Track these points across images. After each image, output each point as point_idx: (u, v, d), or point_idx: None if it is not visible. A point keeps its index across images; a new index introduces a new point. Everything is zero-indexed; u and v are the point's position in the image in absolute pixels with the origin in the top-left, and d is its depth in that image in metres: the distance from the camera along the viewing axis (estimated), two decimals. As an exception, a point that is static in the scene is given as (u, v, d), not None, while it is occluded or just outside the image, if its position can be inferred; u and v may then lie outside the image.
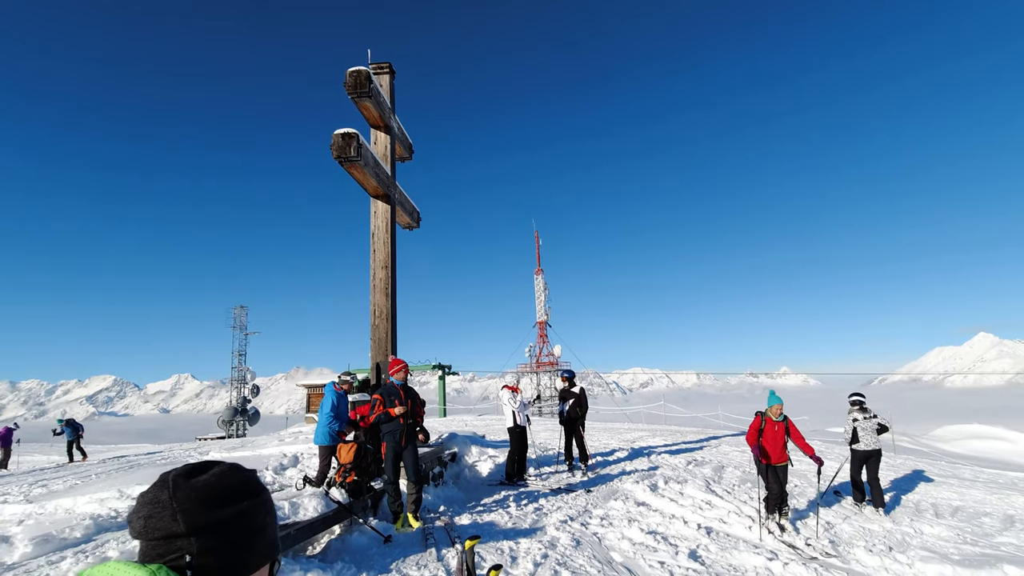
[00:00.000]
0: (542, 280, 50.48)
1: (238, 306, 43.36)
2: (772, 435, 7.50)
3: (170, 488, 1.03)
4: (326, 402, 7.82)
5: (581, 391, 11.10)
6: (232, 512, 1.04)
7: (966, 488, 10.29)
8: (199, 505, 1.01)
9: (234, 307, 43.37)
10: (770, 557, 6.04)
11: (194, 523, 1.00)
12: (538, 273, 50.64)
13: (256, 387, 42.74)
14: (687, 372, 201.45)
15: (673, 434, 17.98)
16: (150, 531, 1.00)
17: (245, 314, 43.46)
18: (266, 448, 14.15)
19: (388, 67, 9.98)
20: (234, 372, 42.59)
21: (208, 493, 1.03)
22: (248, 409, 41.35)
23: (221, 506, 1.03)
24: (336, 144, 7.97)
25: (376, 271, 9.40)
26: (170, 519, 1.00)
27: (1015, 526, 7.79)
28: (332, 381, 8.15)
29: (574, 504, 8.28)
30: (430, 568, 5.57)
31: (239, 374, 42.46)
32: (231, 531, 1.03)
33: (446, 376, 35.26)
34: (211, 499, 1.02)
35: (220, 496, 1.04)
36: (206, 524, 1.00)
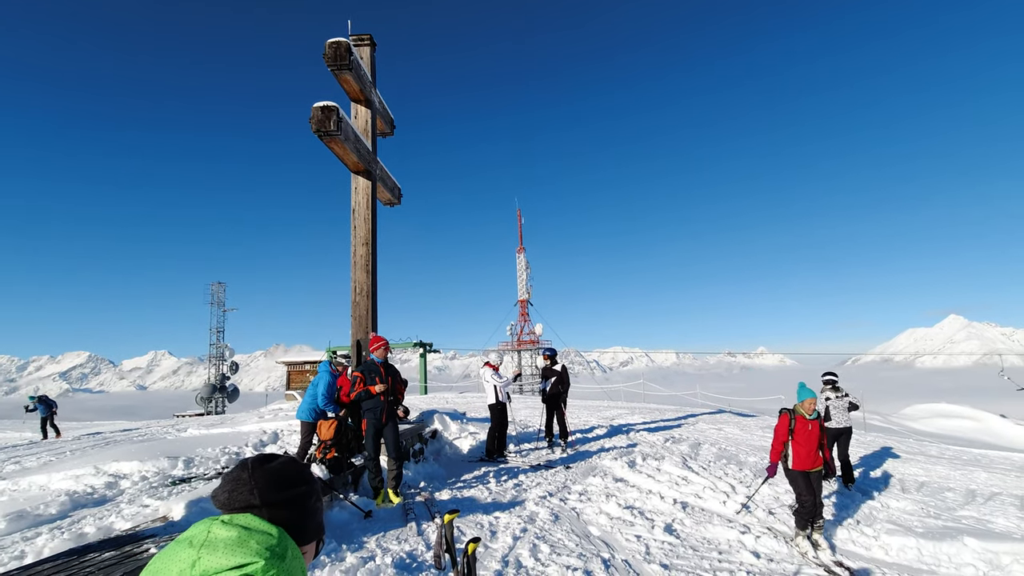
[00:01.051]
0: (524, 259, 50.51)
1: (216, 282, 42.66)
2: (805, 436, 6.21)
3: (249, 470, 1.34)
4: (321, 381, 7.75)
5: (563, 369, 11.19)
6: (294, 493, 1.34)
7: (932, 464, 10.64)
8: (270, 484, 1.31)
9: (212, 283, 42.68)
10: (742, 531, 6.21)
11: (266, 498, 1.29)
12: (520, 252, 50.63)
13: (235, 364, 42.30)
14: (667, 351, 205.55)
15: (652, 412, 18.26)
16: (233, 503, 1.30)
17: (223, 290, 42.82)
18: (245, 425, 14.09)
19: (369, 39, 9.76)
20: (212, 349, 42.07)
21: (276, 476, 1.33)
22: (227, 386, 40.96)
23: (286, 487, 1.33)
24: (315, 117, 7.80)
25: (356, 248, 9.30)
26: (248, 494, 1.30)
27: (976, 500, 8.09)
28: (327, 360, 8.09)
29: (553, 480, 8.40)
30: (410, 542, 5.63)
31: (217, 351, 41.95)
32: (293, 507, 1.32)
33: (427, 354, 35.26)
34: (279, 481, 1.33)
35: (285, 479, 1.34)
36: (275, 500, 1.30)
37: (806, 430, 6.24)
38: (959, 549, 5.79)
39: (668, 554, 5.58)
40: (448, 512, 2.36)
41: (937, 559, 5.70)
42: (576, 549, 5.58)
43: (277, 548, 1.23)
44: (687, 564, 5.33)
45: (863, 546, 6.08)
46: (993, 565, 5.49)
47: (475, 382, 34.79)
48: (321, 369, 7.93)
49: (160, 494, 7.18)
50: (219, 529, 1.20)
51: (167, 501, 5.80)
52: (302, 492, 1.35)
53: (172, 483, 7.80)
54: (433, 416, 10.97)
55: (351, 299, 9.22)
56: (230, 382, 41.50)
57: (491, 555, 5.36)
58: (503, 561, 5.22)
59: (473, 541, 2.25)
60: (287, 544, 1.26)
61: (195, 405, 40.21)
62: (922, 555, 5.80)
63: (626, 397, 30.04)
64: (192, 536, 1.20)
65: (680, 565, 5.30)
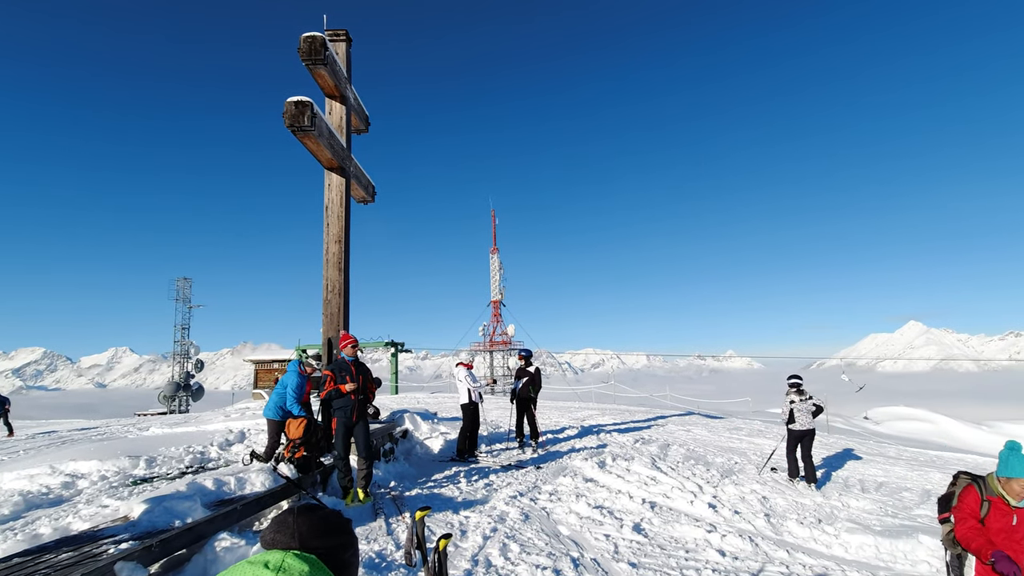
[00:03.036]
0: (497, 259, 50.49)
1: (181, 278, 41.64)
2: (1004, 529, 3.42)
3: (294, 514, 1.40)
4: (290, 381, 7.62)
5: (536, 371, 11.23)
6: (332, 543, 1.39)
7: (890, 465, 10.99)
8: (313, 531, 1.37)
9: (177, 279, 41.65)
10: (709, 530, 6.32)
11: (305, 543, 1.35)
12: (494, 252, 50.60)
13: (200, 362, 41.35)
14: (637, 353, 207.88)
15: (622, 413, 18.45)
16: (276, 543, 1.35)
17: (189, 286, 41.80)
18: (211, 424, 13.80)
19: (345, 35, 9.66)
20: (177, 346, 41.03)
21: (321, 524, 1.39)
22: (192, 384, 40.02)
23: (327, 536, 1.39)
24: (289, 112, 7.69)
25: (329, 245, 9.20)
26: (289, 538, 1.35)
27: (931, 500, 8.38)
28: (297, 360, 7.96)
29: (524, 480, 8.43)
30: (379, 541, 5.59)
31: (182, 348, 40.93)
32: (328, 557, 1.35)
33: (399, 354, 34.98)
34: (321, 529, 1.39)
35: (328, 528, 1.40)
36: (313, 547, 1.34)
37: (1007, 523, 3.42)
38: (914, 546, 5.99)
39: (636, 553, 5.65)
40: (419, 509, 2.36)
41: (894, 556, 5.89)
42: (546, 548, 5.61)
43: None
44: (654, 562, 5.41)
45: (824, 544, 6.24)
46: (945, 562, 5.69)
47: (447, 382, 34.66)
48: (290, 369, 7.81)
49: (120, 494, 6.99)
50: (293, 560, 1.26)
51: (128, 501, 5.65)
52: (340, 543, 1.41)
53: (133, 483, 7.59)
54: (404, 416, 10.90)
55: (323, 297, 9.11)
56: (195, 380, 40.57)
57: (461, 554, 5.35)
58: (473, 560, 5.22)
59: (444, 538, 2.25)
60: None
61: (158, 404, 39.19)
62: (880, 552, 5.98)
63: (597, 398, 30.27)
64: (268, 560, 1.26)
65: (648, 563, 5.37)
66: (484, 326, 50.94)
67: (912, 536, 6.21)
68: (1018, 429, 35.20)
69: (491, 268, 50.81)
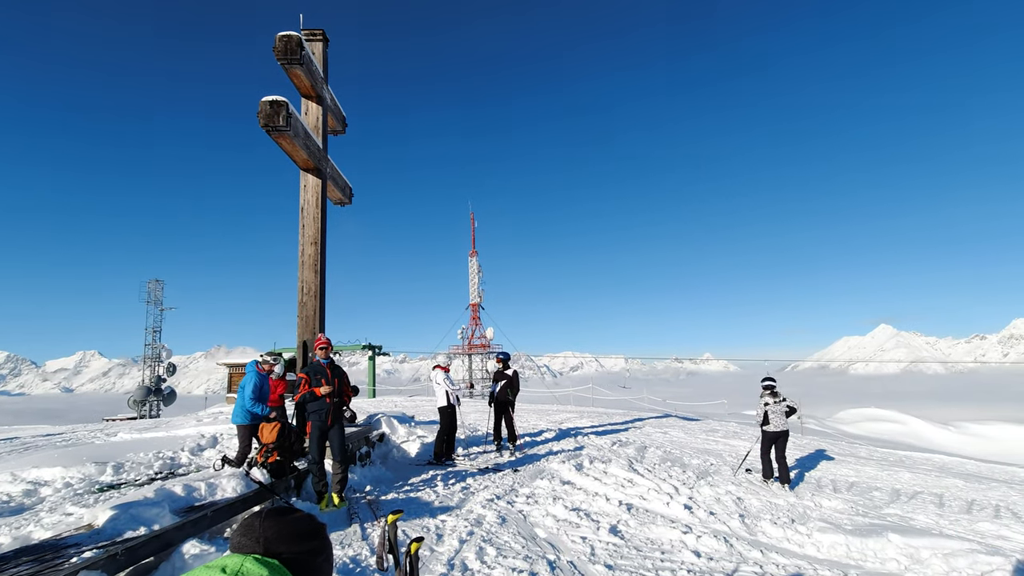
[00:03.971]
0: (476, 262, 50.42)
1: (153, 280, 40.69)
2: None
3: (261, 518, 1.33)
4: (248, 382, 7.52)
5: (514, 373, 11.21)
6: (300, 549, 1.31)
7: (861, 465, 11.20)
8: (278, 536, 1.30)
9: (148, 281, 40.67)
10: (685, 531, 6.36)
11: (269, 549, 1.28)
12: (473, 255, 50.52)
13: (172, 366, 40.43)
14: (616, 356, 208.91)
15: (600, 416, 18.52)
16: (241, 547, 1.30)
17: (161, 288, 40.88)
18: (182, 429, 13.52)
19: (321, 34, 9.57)
20: (148, 350, 40.08)
21: (286, 529, 1.32)
22: (163, 389, 39.11)
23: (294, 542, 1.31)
24: (263, 112, 7.58)
25: (305, 247, 9.09)
26: (254, 542, 1.29)
27: (900, 498, 8.58)
28: (254, 360, 7.84)
29: (501, 483, 8.40)
30: (354, 547, 5.51)
31: (153, 352, 40.00)
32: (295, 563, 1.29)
33: (376, 357, 34.67)
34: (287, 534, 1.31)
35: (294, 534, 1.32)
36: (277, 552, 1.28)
37: None
38: (884, 545, 6.10)
39: (613, 555, 5.66)
40: (392, 512, 2.32)
41: (864, 554, 5.99)
42: (522, 551, 5.59)
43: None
44: (631, 564, 5.42)
45: (797, 544, 6.32)
46: (913, 559, 5.81)
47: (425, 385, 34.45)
48: (248, 369, 7.69)
49: (85, 501, 6.79)
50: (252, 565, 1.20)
51: (93, 508, 5.48)
52: (308, 550, 1.33)
53: (99, 490, 7.38)
54: (381, 419, 10.80)
55: (298, 299, 8.99)
56: (166, 384, 39.68)
57: (436, 558, 5.30)
58: (449, 564, 5.17)
59: (416, 541, 2.22)
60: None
61: (127, 408, 38.23)
62: (850, 551, 6.08)
63: (575, 401, 30.37)
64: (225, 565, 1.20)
65: (624, 565, 5.38)
66: (463, 329, 50.81)
67: (882, 535, 6.33)
68: (983, 429, 36.20)
69: (470, 271, 50.72)
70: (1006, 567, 5.49)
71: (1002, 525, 7.25)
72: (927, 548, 6.00)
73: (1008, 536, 6.81)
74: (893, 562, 5.78)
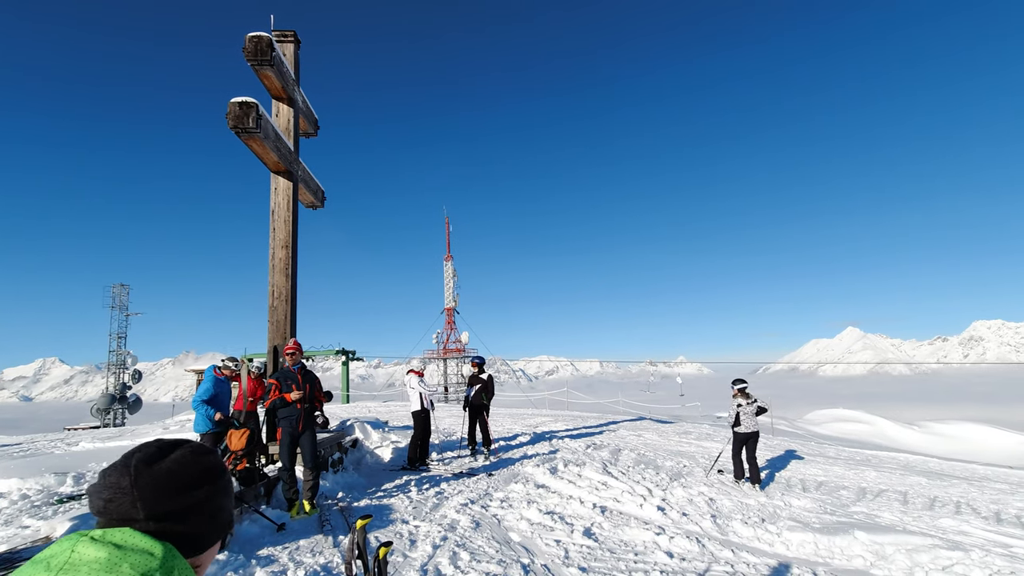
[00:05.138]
0: (451, 266, 50.24)
1: (118, 284, 39.59)
2: None
3: (132, 476, 1.02)
4: (200, 388, 7.40)
5: (489, 378, 11.19)
6: (191, 500, 1.05)
7: (829, 465, 11.44)
8: (159, 493, 1.01)
9: (113, 285, 39.59)
10: (658, 532, 6.40)
11: (152, 511, 1.01)
12: (448, 259, 50.35)
13: (138, 372, 39.37)
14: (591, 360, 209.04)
15: (575, 419, 18.58)
16: (110, 512, 1.01)
17: (126, 293, 39.80)
18: (148, 437, 13.16)
19: (293, 36, 9.46)
20: (112, 356, 38.96)
21: (168, 481, 1.03)
22: (128, 396, 38.06)
23: (180, 494, 1.03)
24: (232, 113, 7.45)
25: (276, 250, 8.94)
26: (130, 506, 1.01)
27: (866, 497, 8.77)
28: (213, 365, 7.71)
29: (475, 488, 8.36)
30: (325, 554, 5.42)
31: (118, 358, 38.90)
32: (188, 516, 1.04)
33: (350, 362, 34.29)
34: (171, 487, 1.03)
35: (180, 484, 1.04)
36: (164, 512, 1.01)
37: None
38: (850, 542, 6.24)
39: (586, 557, 5.66)
40: (360, 517, 2.29)
41: (831, 552, 6.11)
42: (496, 555, 5.56)
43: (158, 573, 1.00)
44: (604, 566, 5.43)
45: (767, 543, 6.42)
46: (879, 555, 5.95)
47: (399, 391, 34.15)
48: (206, 375, 7.58)
49: (43, 513, 6.55)
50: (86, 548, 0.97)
51: (51, 520, 5.30)
52: (200, 497, 1.06)
53: (59, 501, 7.13)
54: (354, 425, 10.67)
55: (269, 304, 8.84)
56: (132, 392, 38.62)
57: (410, 564, 5.24)
58: (422, 570, 5.12)
59: (384, 545, 2.19)
60: (173, 565, 1.01)
61: (90, 417, 37.09)
62: (818, 549, 6.20)
63: (551, 405, 30.42)
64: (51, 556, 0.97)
65: (597, 567, 5.39)
66: (438, 333, 50.55)
67: (848, 532, 6.46)
68: (945, 428, 37.29)
69: (445, 275, 50.52)
70: (966, 561, 5.66)
71: (962, 521, 7.47)
72: (891, 544, 6.15)
73: (968, 531, 7.01)
74: (859, 558, 5.91)
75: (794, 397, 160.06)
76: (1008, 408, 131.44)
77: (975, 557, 5.78)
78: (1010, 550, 6.27)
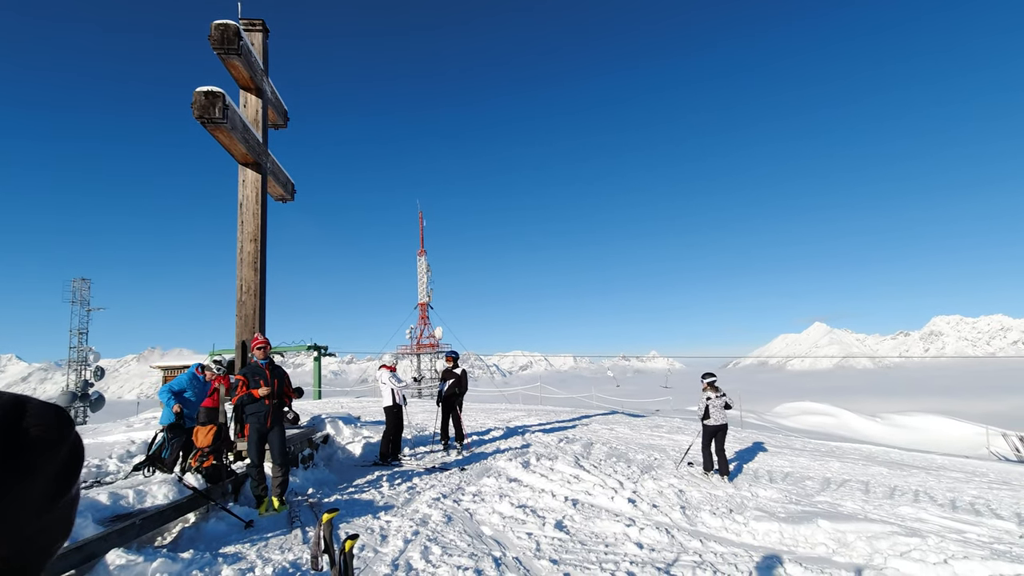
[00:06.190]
0: (425, 261, 49.94)
1: (78, 278, 38.38)
2: None
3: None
4: (174, 380, 7.28)
5: (463, 372, 11.17)
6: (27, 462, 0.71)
7: (795, 456, 11.72)
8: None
9: (73, 279, 38.34)
10: (628, 524, 6.48)
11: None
12: (421, 254, 50.03)
13: (100, 369, 38.26)
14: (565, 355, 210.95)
15: (548, 414, 18.67)
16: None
17: (87, 287, 38.58)
18: (111, 435, 12.85)
19: (261, 24, 9.27)
20: (73, 352, 37.78)
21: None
22: (90, 394, 36.99)
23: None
24: (198, 103, 7.28)
25: (244, 244, 8.77)
26: None
27: (830, 487, 9.02)
28: (197, 364, 7.57)
29: (448, 482, 8.35)
30: (294, 551, 5.36)
31: (79, 355, 37.73)
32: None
33: (322, 358, 33.84)
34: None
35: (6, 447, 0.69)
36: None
37: None
38: (814, 531, 6.40)
39: (558, 549, 5.71)
40: (327, 511, 2.26)
41: (796, 540, 6.27)
42: (468, 549, 5.57)
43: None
44: (575, 558, 5.48)
45: (734, 533, 6.55)
46: (840, 543, 6.12)
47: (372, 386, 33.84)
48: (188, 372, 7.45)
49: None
50: None
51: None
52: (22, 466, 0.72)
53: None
54: (325, 420, 10.55)
55: (237, 298, 8.67)
56: (94, 389, 37.55)
57: (381, 559, 5.21)
58: (393, 565, 5.10)
59: (350, 539, 2.17)
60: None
61: (51, 416, 35.95)
62: (783, 538, 6.35)
63: (524, 400, 30.51)
64: None
65: (568, 559, 5.43)
66: (411, 329, 50.22)
67: (812, 521, 6.64)
68: (907, 420, 38.48)
69: (418, 270, 50.20)
70: (922, 547, 5.86)
71: (920, 508, 7.73)
72: (853, 532, 6.33)
73: (925, 518, 7.26)
74: (822, 546, 6.07)
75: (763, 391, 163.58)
76: (965, 400, 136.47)
77: (931, 543, 5.99)
78: (963, 535, 6.52)
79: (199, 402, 7.37)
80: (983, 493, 9.08)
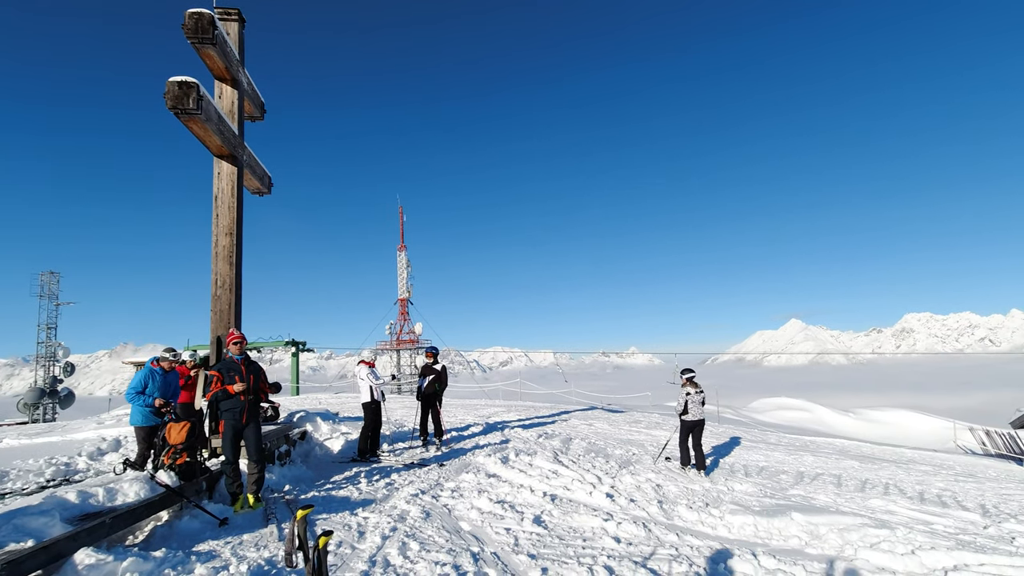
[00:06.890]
0: (405, 257, 49.70)
1: (47, 272, 37.40)
2: None
3: None
4: (133, 379, 7.12)
5: (443, 368, 11.14)
6: None
7: (771, 451, 11.92)
8: None
9: (41, 273, 37.37)
10: (606, 518, 6.53)
11: None
12: (401, 250, 49.76)
13: (70, 365, 37.38)
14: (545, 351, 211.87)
15: (527, 410, 18.71)
16: None
17: (56, 281, 37.61)
18: (81, 432, 12.57)
19: (237, 14, 9.08)
20: (41, 348, 36.85)
21: None
22: (59, 390, 36.14)
23: None
24: (171, 93, 7.09)
25: (219, 237, 8.61)
26: None
27: (803, 480, 9.19)
28: (153, 357, 7.42)
29: (426, 478, 8.32)
30: (270, 548, 5.29)
31: (48, 351, 36.81)
32: None
33: (300, 353, 33.49)
34: None
35: None
36: None
37: None
38: (787, 523, 6.52)
39: (536, 544, 5.73)
40: (301, 508, 2.23)
41: (770, 533, 6.38)
42: (446, 545, 5.56)
43: None
44: (553, 552, 5.50)
45: (710, 526, 6.64)
46: (813, 535, 6.24)
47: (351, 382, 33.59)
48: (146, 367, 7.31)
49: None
50: None
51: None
52: None
53: (-21, 500, 6.70)
54: (303, 416, 10.44)
55: (212, 293, 8.51)
56: (63, 386, 36.69)
57: (358, 556, 5.18)
58: (371, 561, 5.06)
59: (325, 535, 2.15)
60: None
61: (16, 412, 35.05)
62: (758, 530, 6.45)
63: (504, 396, 30.56)
64: None
65: (546, 554, 5.45)
66: (391, 324, 49.98)
67: (786, 514, 6.76)
68: (878, 415, 39.36)
69: (398, 266, 49.93)
70: (891, 538, 6.00)
71: (890, 501, 7.92)
72: (825, 525, 6.46)
73: (895, 511, 7.44)
74: (795, 539, 6.19)
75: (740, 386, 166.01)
76: (934, 396, 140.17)
77: (900, 534, 6.14)
78: (931, 527, 6.70)
79: (164, 395, 7.22)
80: (950, 485, 9.34)
